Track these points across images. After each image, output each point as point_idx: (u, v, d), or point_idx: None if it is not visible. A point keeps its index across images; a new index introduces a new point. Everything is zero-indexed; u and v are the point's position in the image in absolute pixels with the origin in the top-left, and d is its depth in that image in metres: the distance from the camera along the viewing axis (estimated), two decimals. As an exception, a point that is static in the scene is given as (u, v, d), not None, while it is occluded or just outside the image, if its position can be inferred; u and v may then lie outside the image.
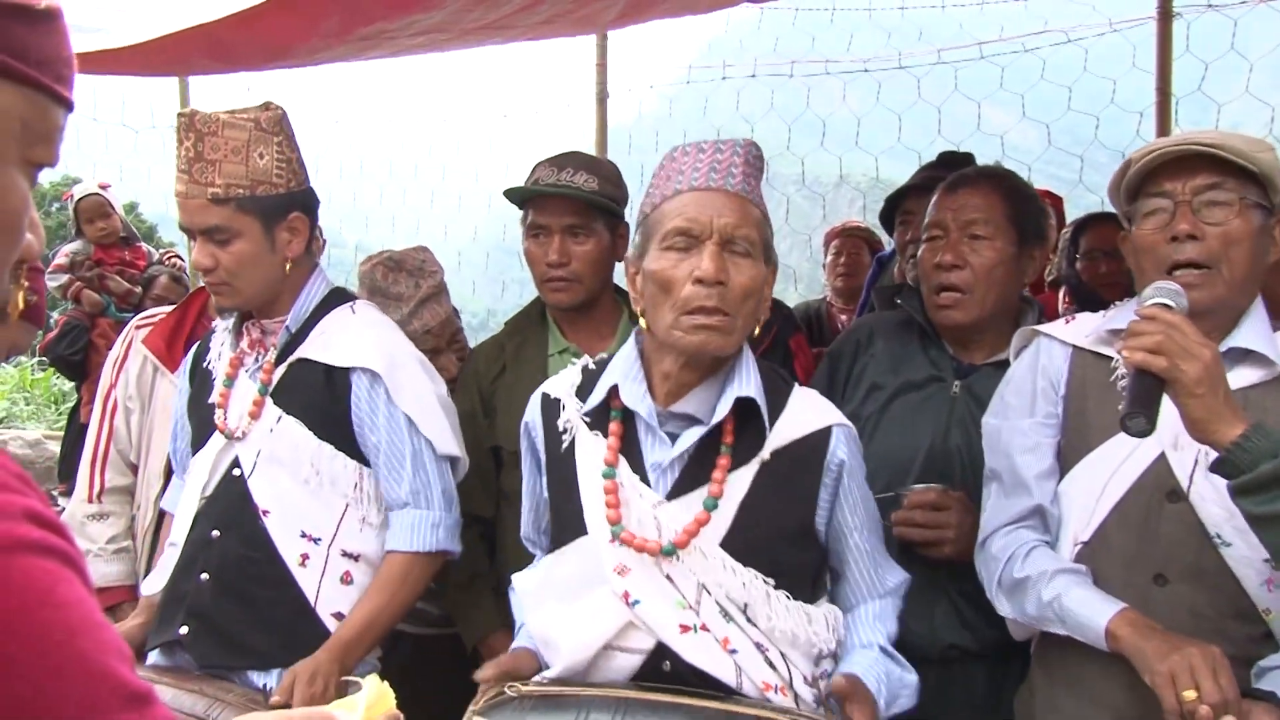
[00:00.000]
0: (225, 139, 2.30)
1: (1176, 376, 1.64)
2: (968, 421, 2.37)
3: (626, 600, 1.79)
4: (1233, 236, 1.89)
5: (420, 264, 3.03)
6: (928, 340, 2.49)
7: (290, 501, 2.32)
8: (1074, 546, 2.00)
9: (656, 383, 1.86)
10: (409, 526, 2.35)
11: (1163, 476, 1.92)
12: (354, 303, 2.50)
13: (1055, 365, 2.11)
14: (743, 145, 1.84)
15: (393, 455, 2.34)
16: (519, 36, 3.87)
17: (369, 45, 3.60)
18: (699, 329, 1.75)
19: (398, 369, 2.37)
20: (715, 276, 1.73)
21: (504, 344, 2.82)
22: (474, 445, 2.67)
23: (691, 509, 1.80)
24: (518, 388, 2.65)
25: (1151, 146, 1.98)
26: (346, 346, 2.37)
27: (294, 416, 2.34)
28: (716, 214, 1.75)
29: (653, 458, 1.85)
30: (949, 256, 2.37)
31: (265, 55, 3.74)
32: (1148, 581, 1.91)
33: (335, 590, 2.32)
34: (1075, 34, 5.91)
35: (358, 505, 2.36)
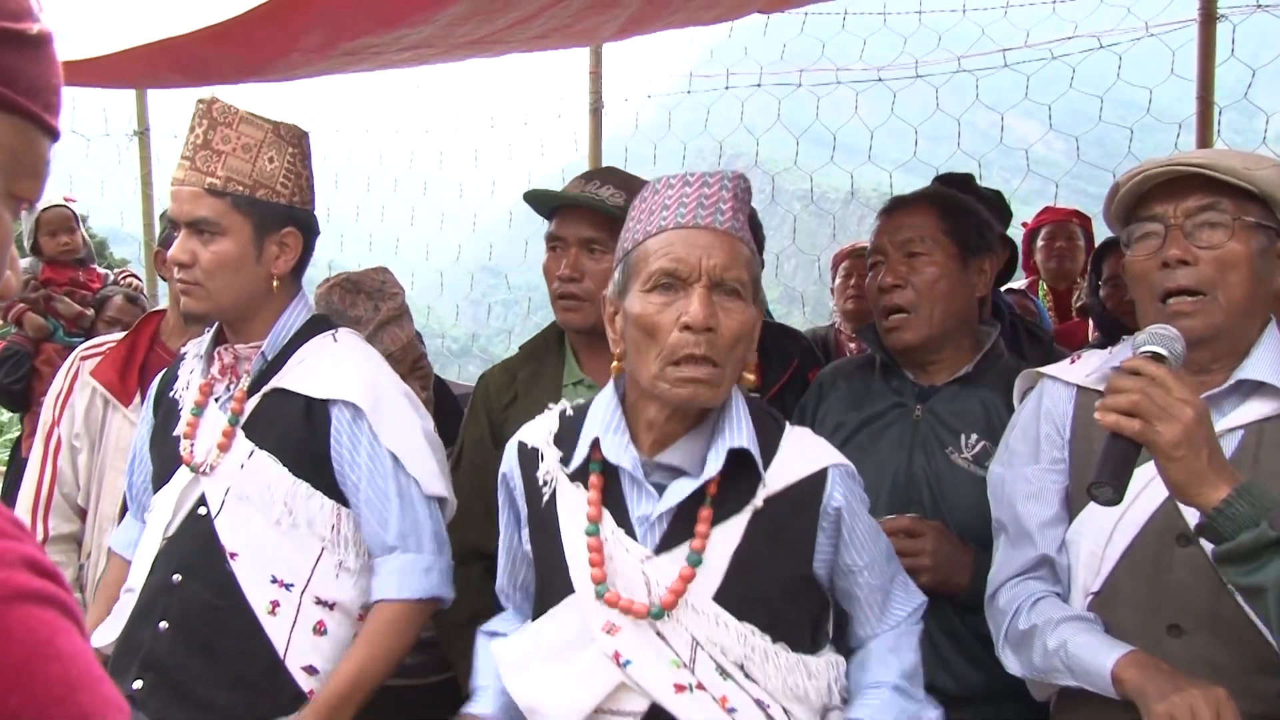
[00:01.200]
0: (239, 133, 2.30)
1: (1152, 439, 1.62)
2: (932, 443, 2.47)
3: (617, 660, 1.77)
4: (1228, 260, 1.88)
5: (380, 285, 3.01)
6: (888, 371, 2.61)
7: (261, 543, 2.28)
8: (1085, 598, 2.00)
9: (640, 431, 1.85)
10: (398, 572, 2.32)
11: (1171, 519, 1.91)
12: (336, 331, 2.47)
13: (1060, 408, 2.11)
14: (731, 178, 1.84)
15: (376, 496, 2.31)
16: (510, 50, 3.84)
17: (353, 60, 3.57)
18: (686, 381, 1.73)
19: (382, 403, 2.34)
20: (705, 323, 1.71)
21: (516, 371, 2.82)
22: (481, 474, 2.67)
23: (678, 564, 1.79)
24: (529, 418, 2.64)
25: (1140, 168, 1.98)
26: (327, 377, 2.33)
27: (267, 451, 2.31)
28: (705, 254, 1.74)
29: (639, 511, 1.83)
30: (889, 278, 2.49)
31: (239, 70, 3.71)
32: (1162, 632, 1.90)
33: (307, 641, 2.27)
34: (1108, 39, 5.89)
35: (334, 549, 2.32)
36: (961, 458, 2.47)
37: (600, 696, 1.79)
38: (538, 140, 9.09)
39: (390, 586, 2.32)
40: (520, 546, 2.02)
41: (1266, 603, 1.54)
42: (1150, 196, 1.97)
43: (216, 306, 2.36)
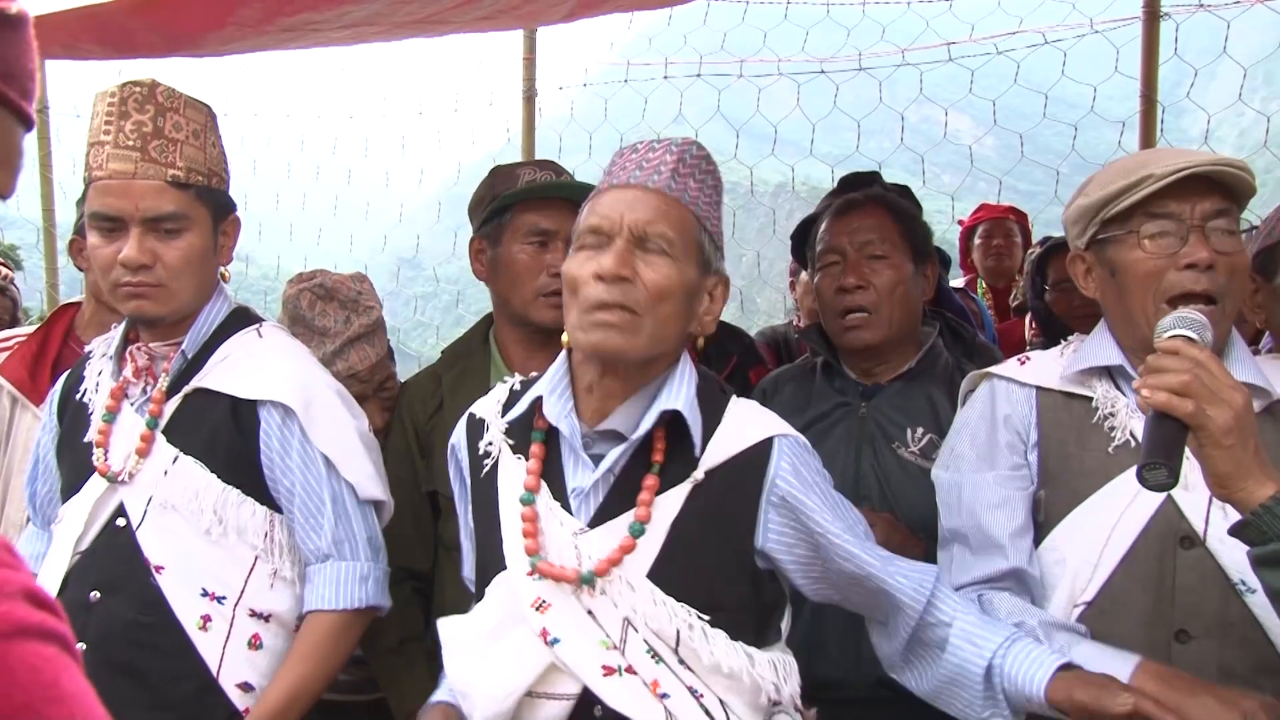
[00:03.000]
0: (187, 119, 2.25)
1: (1203, 423, 1.59)
2: (879, 440, 2.55)
3: (545, 639, 1.77)
4: (1238, 267, 1.92)
5: (355, 296, 2.91)
6: (831, 372, 2.69)
7: (189, 555, 2.22)
8: (1074, 609, 1.97)
9: (582, 399, 1.87)
10: (334, 581, 2.28)
11: (1173, 521, 1.90)
12: (260, 325, 2.41)
13: (1020, 412, 2.10)
14: (679, 144, 1.88)
15: (310, 501, 2.27)
16: (453, 31, 3.81)
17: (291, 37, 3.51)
18: (597, 326, 1.76)
19: (314, 403, 2.29)
20: (614, 271, 1.75)
21: (441, 376, 2.77)
22: (408, 489, 2.62)
23: (616, 536, 1.78)
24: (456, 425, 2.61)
25: (1182, 163, 1.93)
26: (254, 376, 2.28)
27: (193, 456, 2.25)
28: (628, 209, 1.79)
29: (575, 481, 1.84)
30: (851, 278, 2.54)
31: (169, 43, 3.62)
32: (1169, 639, 1.90)
33: (241, 657, 2.23)
34: (1053, 35, 6.00)
35: (269, 558, 2.28)
36: (909, 452, 2.54)
37: (531, 678, 1.78)
38: (468, 128, 9.02)
39: (327, 597, 2.28)
40: (471, 526, 2.01)
41: None
42: (1164, 195, 1.94)
43: (178, 306, 2.28)
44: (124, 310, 2.30)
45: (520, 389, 1.98)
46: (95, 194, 2.21)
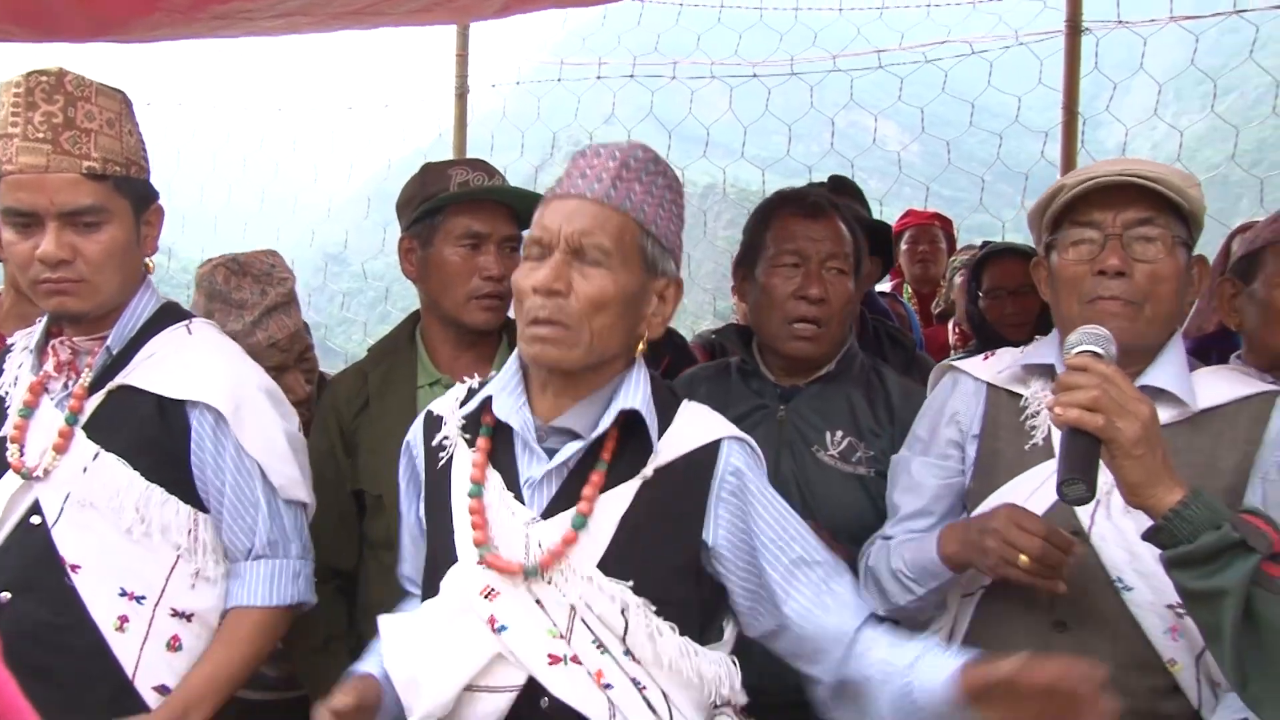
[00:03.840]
0: (100, 107, 2.19)
1: (1114, 436, 1.66)
2: (798, 443, 2.55)
3: (493, 625, 1.78)
4: (1160, 274, 1.98)
5: (269, 269, 2.89)
6: (747, 374, 2.67)
7: (108, 554, 2.17)
8: (978, 591, 2.09)
9: (536, 395, 1.90)
10: (267, 579, 2.27)
11: (1065, 516, 1.98)
12: (190, 321, 2.35)
13: (969, 405, 2.19)
14: (624, 149, 1.88)
15: (242, 503, 2.26)
16: (388, 23, 3.76)
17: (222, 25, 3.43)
18: (534, 340, 1.81)
19: (244, 406, 2.26)
20: (546, 285, 1.79)
21: (367, 374, 2.74)
22: (332, 488, 2.59)
23: (561, 526, 1.81)
24: (382, 424, 2.60)
25: (1087, 172, 2.04)
26: (183, 375, 2.24)
27: (115, 454, 2.19)
28: (566, 221, 1.81)
29: (527, 473, 1.87)
30: (816, 290, 2.53)
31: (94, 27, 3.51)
32: (1048, 628, 1.99)
33: (159, 659, 2.18)
34: (979, 46, 6.11)
35: (191, 557, 2.24)
36: (828, 455, 2.53)
37: (476, 668, 1.78)
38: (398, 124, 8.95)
39: (259, 593, 2.26)
40: (415, 522, 2.02)
41: (1224, 607, 1.57)
42: (1089, 203, 2.02)
43: (102, 301, 2.21)
44: (45, 307, 2.24)
45: (479, 388, 1.99)
46: (7, 189, 2.13)
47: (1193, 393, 2.01)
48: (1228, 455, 1.95)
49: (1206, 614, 1.59)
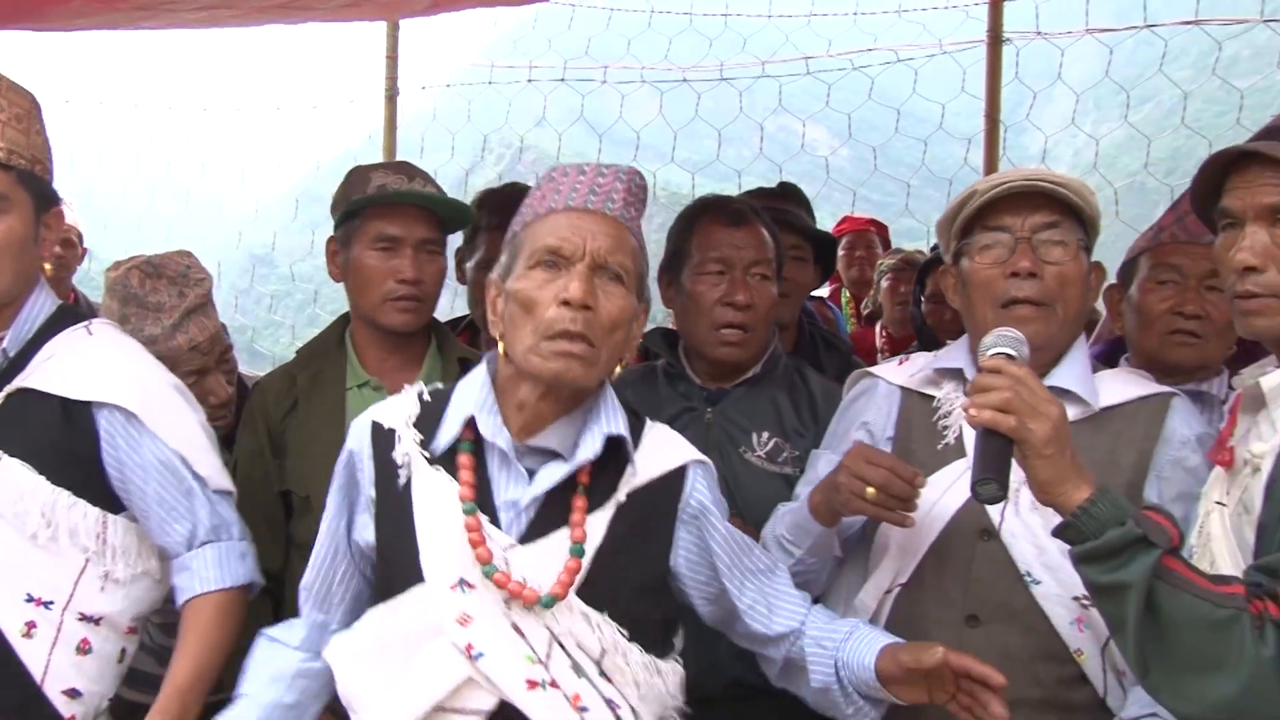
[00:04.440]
0: (10, 101, 2.16)
1: (1025, 436, 1.70)
2: (726, 445, 2.58)
3: (469, 653, 1.76)
4: (1069, 276, 2.07)
5: (184, 270, 2.85)
6: (674, 377, 2.70)
7: (12, 560, 2.13)
8: (894, 588, 2.14)
9: (510, 414, 1.86)
10: (216, 563, 2.25)
11: (976, 515, 2.05)
12: (89, 323, 2.31)
13: (882, 408, 2.25)
14: (626, 173, 1.89)
15: (172, 497, 2.22)
16: (314, 18, 3.72)
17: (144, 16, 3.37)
18: (560, 355, 1.76)
19: (154, 402, 2.23)
20: (583, 299, 1.75)
21: (295, 376, 2.72)
22: (260, 489, 2.59)
23: (549, 554, 1.79)
24: (311, 425, 2.60)
25: (997, 179, 2.12)
26: (87, 376, 2.20)
27: (17, 459, 2.14)
28: (590, 236, 1.79)
29: (507, 495, 1.84)
30: (742, 297, 2.57)
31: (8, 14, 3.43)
32: (961, 623, 2.06)
33: (68, 663, 2.14)
34: (905, 54, 6.22)
35: (100, 560, 2.20)
36: (755, 456, 2.58)
37: (444, 692, 1.76)
38: (328, 126, 8.87)
39: (211, 578, 2.24)
40: (347, 537, 1.97)
41: (1127, 600, 1.61)
42: (998, 209, 2.09)
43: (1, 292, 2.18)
44: None
45: (431, 400, 1.95)
46: None
47: (1095, 393, 2.09)
48: (1127, 453, 2.04)
49: (1111, 607, 1.63)
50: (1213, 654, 1.53)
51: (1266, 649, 1.50)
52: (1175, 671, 1.57)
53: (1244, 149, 1.73)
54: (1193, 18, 5.47)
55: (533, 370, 1.79)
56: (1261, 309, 1.71)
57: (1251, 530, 1.67)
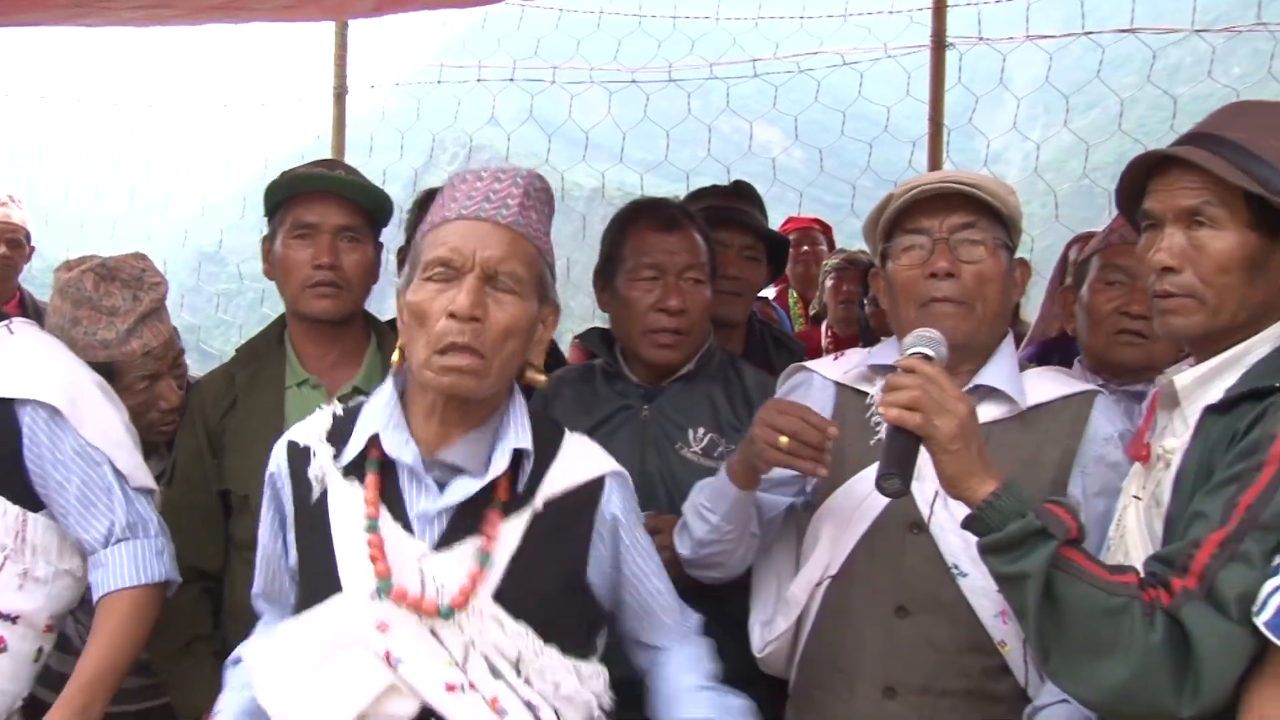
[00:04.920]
0: None
1: (931, 433, 1.77)
2: (662, 441, 2.62)
3: (389, 660, 1.77)
4: (987, 275, 2.12)
5: (139, 274, 2.81)
6: (611, 376, 2.72)
7: None
8: (825, 580, 2.19)
9: (418, 426, 1.87)
10: (131, 559, 2.26)
11: (906, 508, 2.10)
12: (10, 321, 2.31)
13: (815, 403, 2.26)
14: (524, 176, 1.89)
15: (92, 492, 2.24)
16: (256, 18, 3.69)
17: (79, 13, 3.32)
18: (449, 370, 1.77)
19: (81, 400, 2.25)
20: (469, 312, 1.75)
21: (234, 374, 2.71)
22: (199, 489, 2.59)
23: (461, 562, 1.81)
24: (250, 424, 2.59)
25: (913, 183, 2.17)
26: (10, 374, 2.21)
27: None
28: (480, 245, 1.78)
29: (418, 507, 1.85)
30: (675, 302, 2.60)
31: None
32: (890, 614, 2.11)
33: None
34: (850, 57, 6.28)
35: (19, 558, 2.21)
36: (691, 452, 2.60)
37: (367, 700, 1.77)
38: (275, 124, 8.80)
39: (126, 574, 2.25)
40: (278, 551, 1.99)
41: (1027, 589, 1.67)
42: (916, 211, 2.14)
43: None
44: None
45: (344, 416, 1.96)
46: None
47: (1022, 391, 2.14)
48: (1052, 450, 2.10)
49: (1015, 596, 1.69)
50: (1106, 640, 1.59)
51: (1155, 635, 1.56)
52: (1072, 656, 1.63)
53: (1164, 153, 1.80)
54: (1129, 26, 5.59)
55: (428, 384, 1.81)
56: (1177, 308, 1.76)
57: (1161, 523, 1.74)
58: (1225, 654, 1.52)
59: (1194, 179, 1.74)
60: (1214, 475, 1.63)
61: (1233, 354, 1.74)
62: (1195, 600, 1.55)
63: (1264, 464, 1.56)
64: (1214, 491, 1.61)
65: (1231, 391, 1.68)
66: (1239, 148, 1.72)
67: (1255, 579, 1.53)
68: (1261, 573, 1.52)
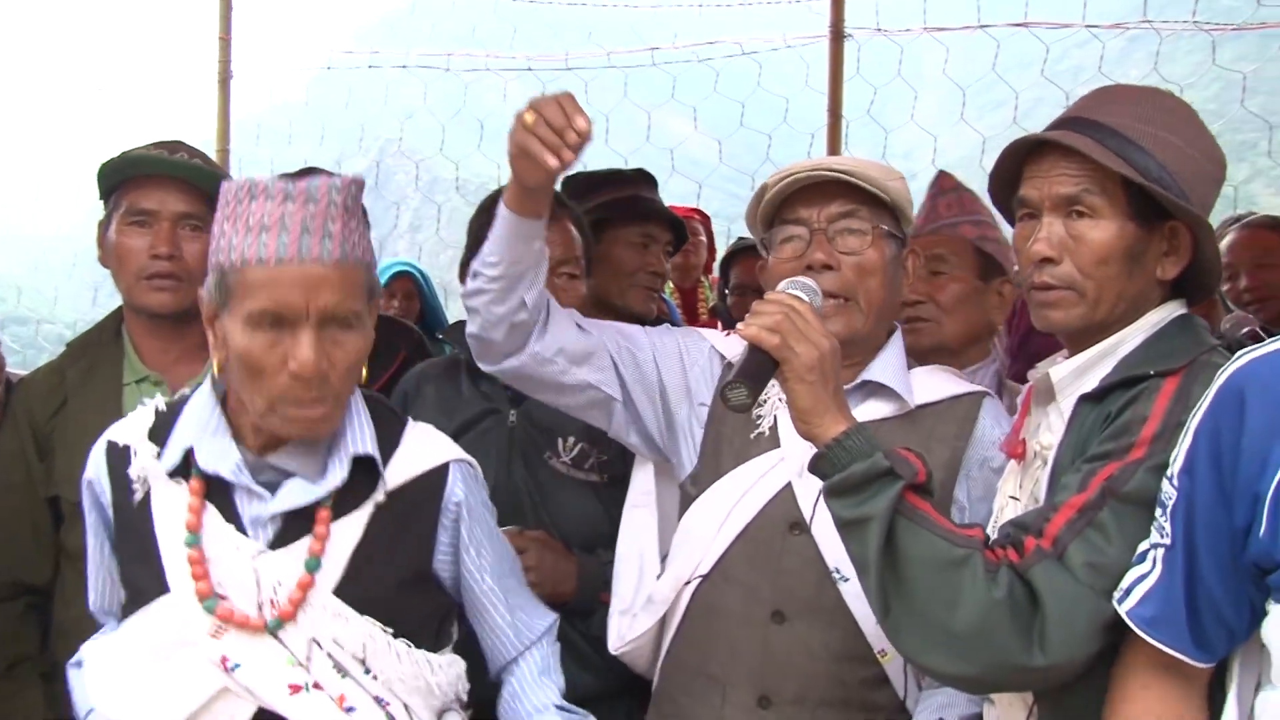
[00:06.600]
0: None
1: (788, 358, 1.71)
2: (530, 450, 2.47)
3: (225, 665, 1.73)
4: (868, 266, 2.06)
5: None
6: (477, 375, 2.52)
7: None
8: (695, 579, 2.10)
9: (247, 430, 1.81)
10: None
11: (787, 506, 2.04)
12: None
13: (705, 370, 2.21)
14: (339, 190, 1.73)
15: None
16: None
17: None
18: (298, 420, 1.71)
19: None
20: (314, 370, 1.67)
21: (65, 371, 2.53)
22: (23, 495, 2.42)
23: (297, 560, 1.76)
24: (82, 424, 2.38)
25: (786, 171, 2.10)
26: None
27: None
28: (313, 296, 1.67)
29: (250, 511, 1.80)
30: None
31: None
32: (766, 619, 2.03)
33: None
34: (750, 46, 6.31)
35: None
36: (560, 462, 2.49)
37: (197, 705, 1.72)
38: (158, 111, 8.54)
39: None
40: (109, 557, 1.91)
41: (869, 534, 1.62)
42: (794, 200, 2.07)
43: None
44: None
45: (168, 412, 1.88)
46: None
47: (911, 389, 2.10)
48: (939, 451, 2.04)
49: (856, 545, 1.65)
50: (946, 593, 1.57)
51: (998, 590, 1.54)
52: (912, 611, 1.60)
53: (1040, 137, 1.75)
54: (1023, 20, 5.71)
55: (273, 430, 1.74)
56: (1057, 301, 1.73)
57: None
58: (1072, 612, 1.52)
59: (1072, 165, 1.70)
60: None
61: (1107, 344, 1.72)
62: (1048, 560, 1.55)
63: (1133, 445, 1.56)
64: (1080, 467, 1.61)
65: (1106, 380, 1.68)
66: (1117, 134, 1.69)
67: (1110, 552, 1.53)
68: (1117, 546, 1.53)
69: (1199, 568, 1.43)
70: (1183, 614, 1.44)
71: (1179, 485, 1.45)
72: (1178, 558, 1.44)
